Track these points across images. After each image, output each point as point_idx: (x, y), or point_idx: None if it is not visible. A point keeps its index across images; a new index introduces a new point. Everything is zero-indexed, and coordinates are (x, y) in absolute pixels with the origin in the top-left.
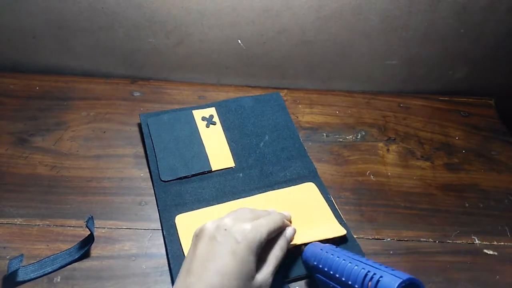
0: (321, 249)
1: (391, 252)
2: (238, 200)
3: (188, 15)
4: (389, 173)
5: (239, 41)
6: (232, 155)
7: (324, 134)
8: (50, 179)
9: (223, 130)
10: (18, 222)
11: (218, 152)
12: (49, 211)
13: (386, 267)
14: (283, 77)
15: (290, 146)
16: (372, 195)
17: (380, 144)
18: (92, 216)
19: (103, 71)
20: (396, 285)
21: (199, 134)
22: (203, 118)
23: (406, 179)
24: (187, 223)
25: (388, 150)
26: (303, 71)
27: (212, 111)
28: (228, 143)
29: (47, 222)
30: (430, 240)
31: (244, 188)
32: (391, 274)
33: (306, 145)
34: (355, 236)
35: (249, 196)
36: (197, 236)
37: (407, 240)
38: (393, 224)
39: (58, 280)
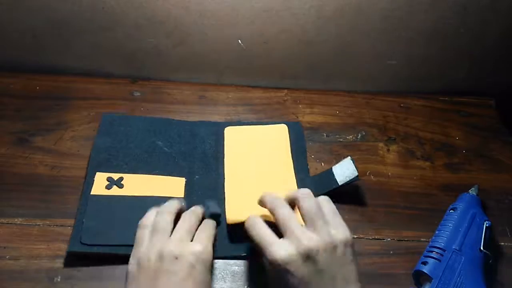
0: None
1: (391, 252)
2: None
3: (188, 15)
4: (389, 173)
5: (239, 41)
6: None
7: (324, 134)
8: (51, 179)
9: None
10: (18, 222)
11: None
12: (49, 211)
13: None
14: (283, 77)
15: None
16: (372, 195)
17: (381, 144)
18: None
19: (104, 71)
20: None
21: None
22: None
23: (406, 179)
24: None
25: (388, 150)
26: (304, 71)
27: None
28: None
29: (48, 222)
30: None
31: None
32: None
33: (306, 145)
34: (355, 236)
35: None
36: (135, 272)
37: (407, 240)
38: (393, 224)
39: (59, 280)
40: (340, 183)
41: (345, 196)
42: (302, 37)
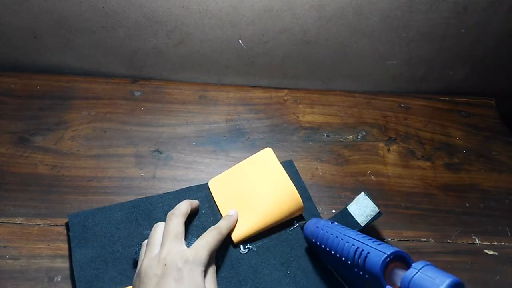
0: (317, 227)
1: None
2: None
3: (188, 15)
4: (389, 173)
5: (240, 40)
6: None
7: (325, 134)
8: (51, 179)
9: None
10: (18, 222)
11: None
12: (49, 210)
13: (374, 242)
14: (283, 77)
15: None
16: (373, 195)
17: (381, 144)
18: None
19: (104, 71)
20: (381, 260)
21: None
22: None
23: (407, 179)
24: (219, 186)
25: (388, 150)
26: (304, 71)
27: None
28: None
29: (48, 222)
30: (431, 240)
31: None
32: (377, 250)
33: (306, 145)
34: None
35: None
36: (139, 281)
37: (407, 240)
38: (393, 224)
39: (59, 279)
40: (362, 225)
41: (345, 196)
42: (302, 37)
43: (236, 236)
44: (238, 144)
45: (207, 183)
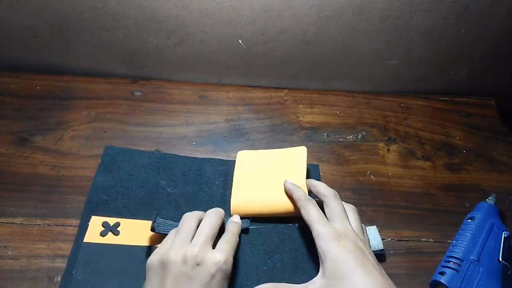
0: None
1: (392, 252)
2: None
3: (188, 15)
4: (389, 173)
5: (240, 40)
6: None
7: (325, 134)
8: (51, 179)
9: None
10: (18, 222)
11: None
12: (49, 210)
13: None
14: (283, 77)
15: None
16: (373, 195)
17: (381, 144)
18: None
19: (104, 71)
20: None
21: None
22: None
23: (407, 179)
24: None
25: (388, 150)
26: (304, 71)
27: None
28: None
29: (48, 222)
30: (431, 240)
31: None
32: None
33: (306, 145)
34: None
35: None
36: (161, 271)
37: (407, 240)
38: (393, 224)
39: (59, 279)
40: None
41: (346, 196)
42: (302, 37)
43: (234, 208)
44: (238, 144)
45: (228, 160)
